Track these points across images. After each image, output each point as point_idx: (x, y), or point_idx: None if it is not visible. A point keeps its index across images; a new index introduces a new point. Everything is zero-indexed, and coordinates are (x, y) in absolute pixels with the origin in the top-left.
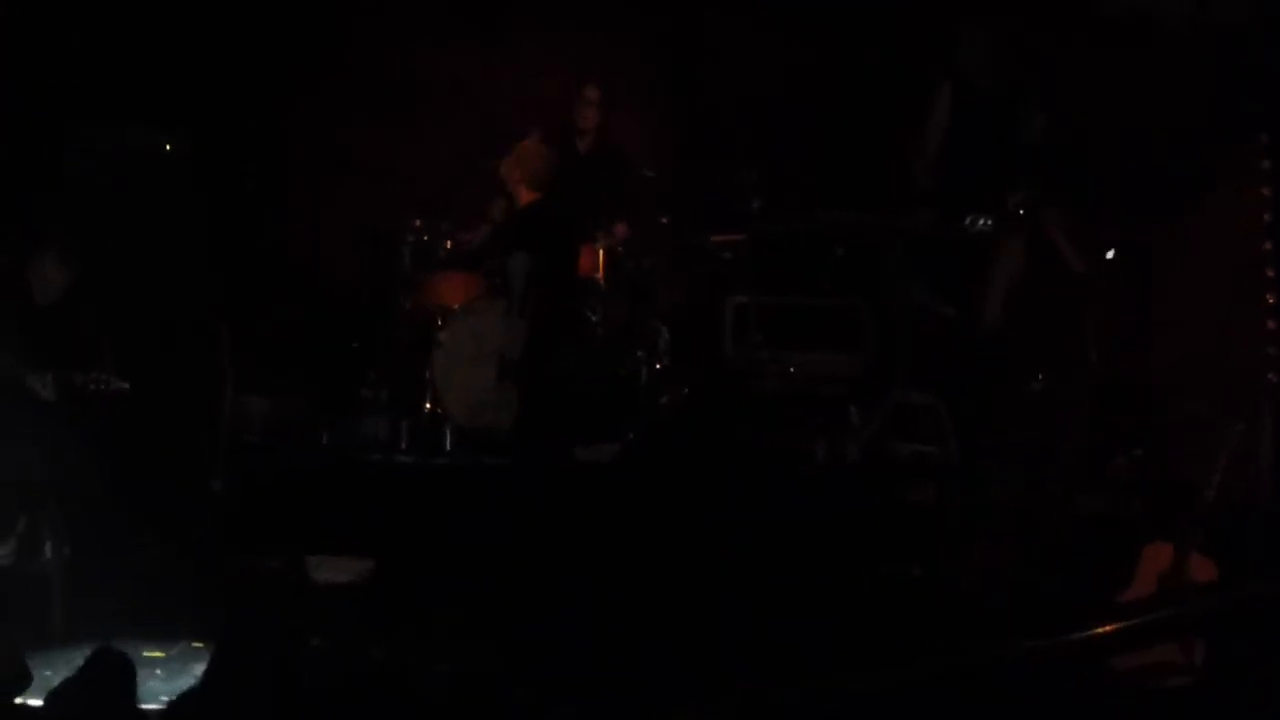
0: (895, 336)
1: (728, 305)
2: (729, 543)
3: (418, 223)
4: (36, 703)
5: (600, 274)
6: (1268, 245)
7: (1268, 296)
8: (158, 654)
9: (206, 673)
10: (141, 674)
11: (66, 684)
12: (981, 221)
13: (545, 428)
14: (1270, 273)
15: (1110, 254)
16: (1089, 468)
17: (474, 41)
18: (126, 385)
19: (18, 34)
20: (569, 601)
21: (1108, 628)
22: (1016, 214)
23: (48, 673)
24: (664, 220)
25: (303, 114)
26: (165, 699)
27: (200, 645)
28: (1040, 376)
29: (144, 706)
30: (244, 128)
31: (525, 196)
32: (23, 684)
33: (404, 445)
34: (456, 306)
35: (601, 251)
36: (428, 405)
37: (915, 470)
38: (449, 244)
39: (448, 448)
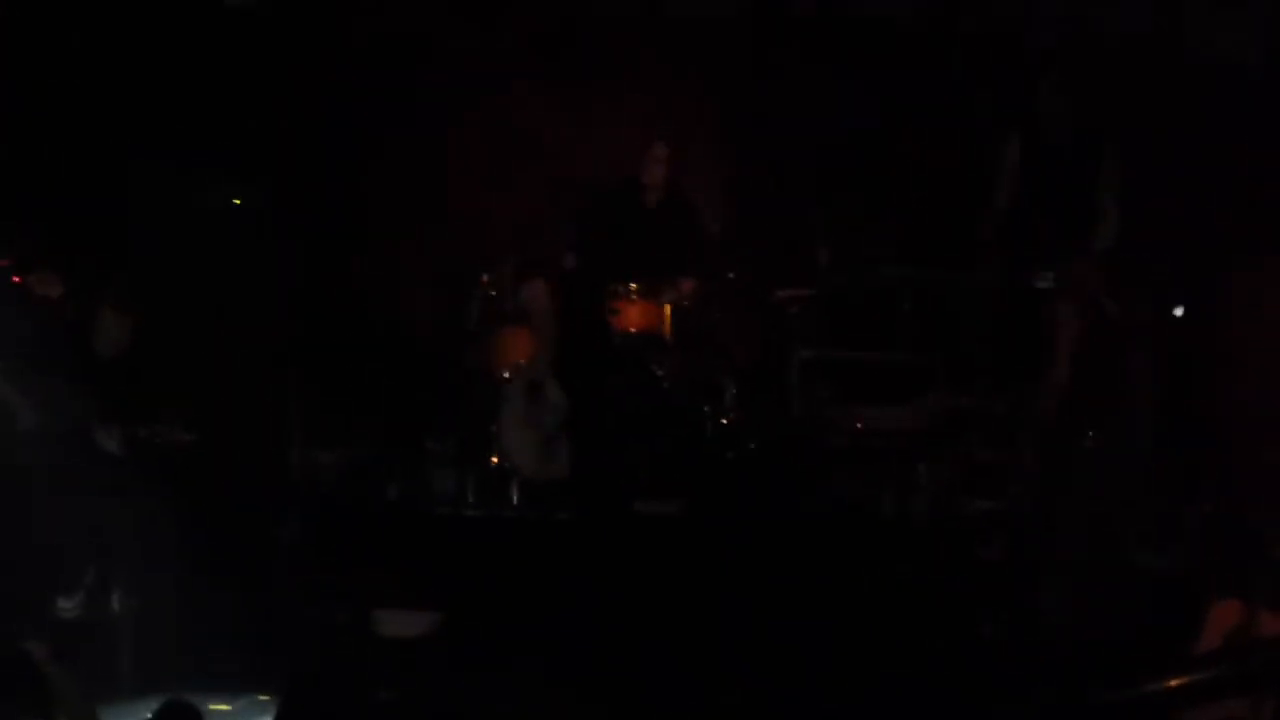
0: (964, 391)
1: (795, 360)
2: (797, 599)
3: (487, 275)
4: None
5: (666, 329)
6: None
7: None
8: (224, 706)
9: None
10: None
11: None
12: (1050, 277)
13: (602, 481)
14: None
15: (1179, 310)
16: (1156, 522)
17: (548, 96)
18: (191, 437)
19: (88, 83)
20: (636, 655)
21: (1177, 681)
22: (1075, 269)
23: None
24: (730, 275)
25: (376, 167)
26: None
27: (267, 698)
28: (1093, 433)
29: None
30: (316, 178)
31: None
32: None
33: (471, 498)
34: (522, 361)
35: (668, 306)
36: (494, 458)
37: (984, 526)
38: (514, 299)
39: (514, 500)
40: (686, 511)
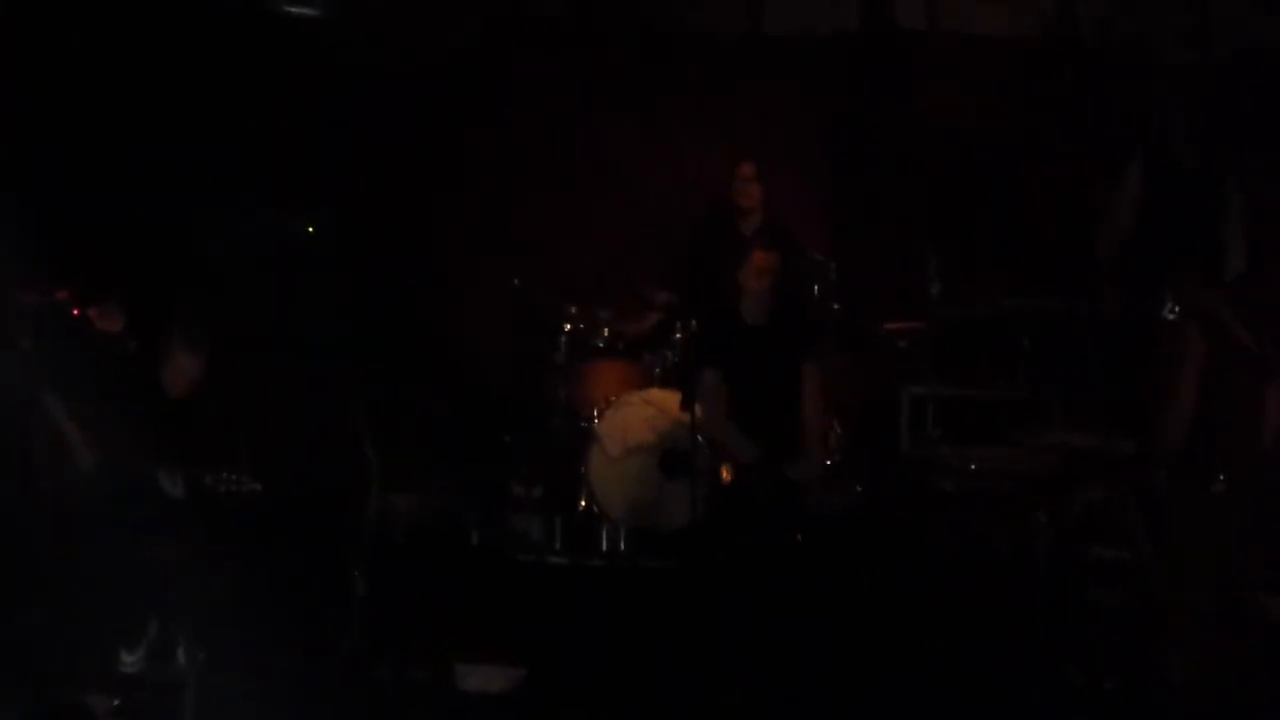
0: (1084, 430)
1: (904, 397)
2: (908, 648)
3: (573, 309)
4: None
5: None
6: None
7: None
8: None
9: None
10: None
11: None
12: (1175, 308)
13: (720, 528)
14: None
15: None
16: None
17: (632, 122)
18: (259, 486)
19: (151, 111)
20: (735, 712)
21: None
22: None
23: None
24: (835, 306)
25: (455, 198)
26: None
27: None
28: (1222, 474)
29: None
30: (392, 211)
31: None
32: None
33: (558, 545)
34: (614, 398)
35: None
36: (582, 503)
37: (1106, 573)
38: (606, 332)
39: (604, 548)
40: (791, 558)
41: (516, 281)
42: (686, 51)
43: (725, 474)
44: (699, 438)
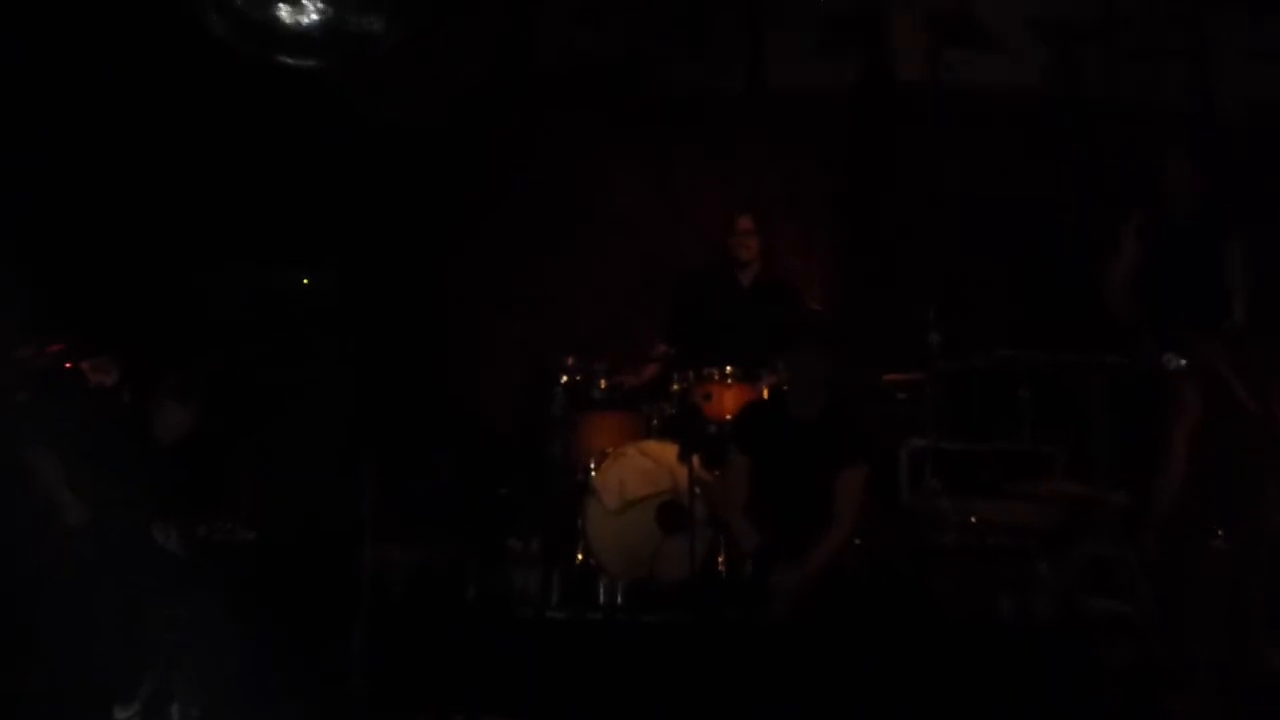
0: (1087, 483)
1: (904, 449)
2: (907, 707)
3: (570, 361)
4: None
5: None
6: None
7: None
8: None
9: None
10: None
11: None
12: (1178, 361)
13: (695, 581)
14: None
15: None
16: None
17: (635, 176)
18: (253, 535)
19: (143, 161)
20: None
21: None
22: (1201, 351)
23: None
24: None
25: (458, 251)
26: None
27: None
28: (1221, 530)
29: None
30: (395, 264)
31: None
32: None
33: (555, 599)
34: (611, 450)
35: (766, 390)
36: (580, 556)
37: (1110, 628)
38: (603, 383)
39: (602, 601)
40: (788, 614)
41: (513, 335)
42: (689, 106)
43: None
44: (697, 490)
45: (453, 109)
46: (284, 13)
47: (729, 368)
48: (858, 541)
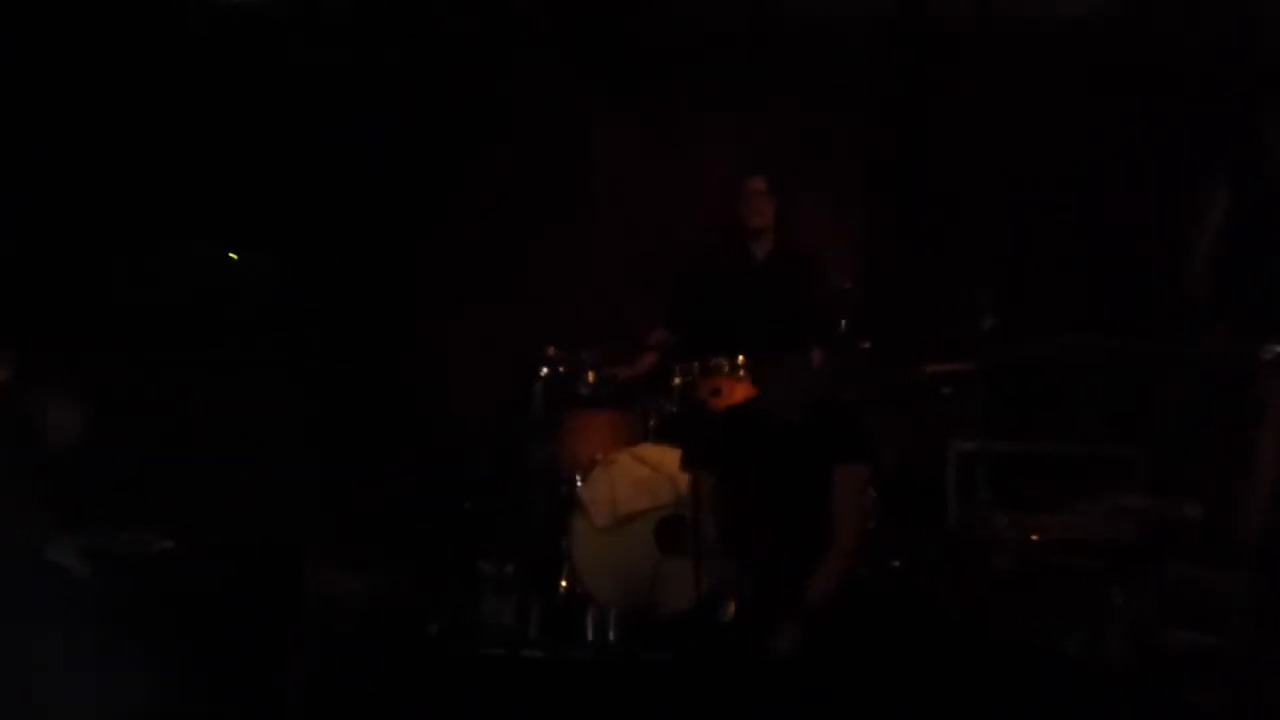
0: (1169, 493)
1: (950, 454)
2: None
3: (552, 350)
4: None
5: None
6: None
7: None
8: None
9: None
10: None
11: None
12: (1274, 350)
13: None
14: None
15: None
16: None
17: (632, 136)
18: (170, 544)
19: (47, 124)
20: None
21: None
22: None
23: None
24: (865, 345)
25: (420, 227)
26: None
27: None
28: None
29: None
30: (343, 241)
31: None
32: None
33: (534, 634)
34: (601, 456)
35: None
36: (564, 583)
37: (1199, 667)
38: (591, 376)
39: (590, 637)
40: (812, 649)
41: (487, 322)
42: (690, 53)
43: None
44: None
45: (415, 61)
46: None
47: (740, 358)
48: (895, 564)
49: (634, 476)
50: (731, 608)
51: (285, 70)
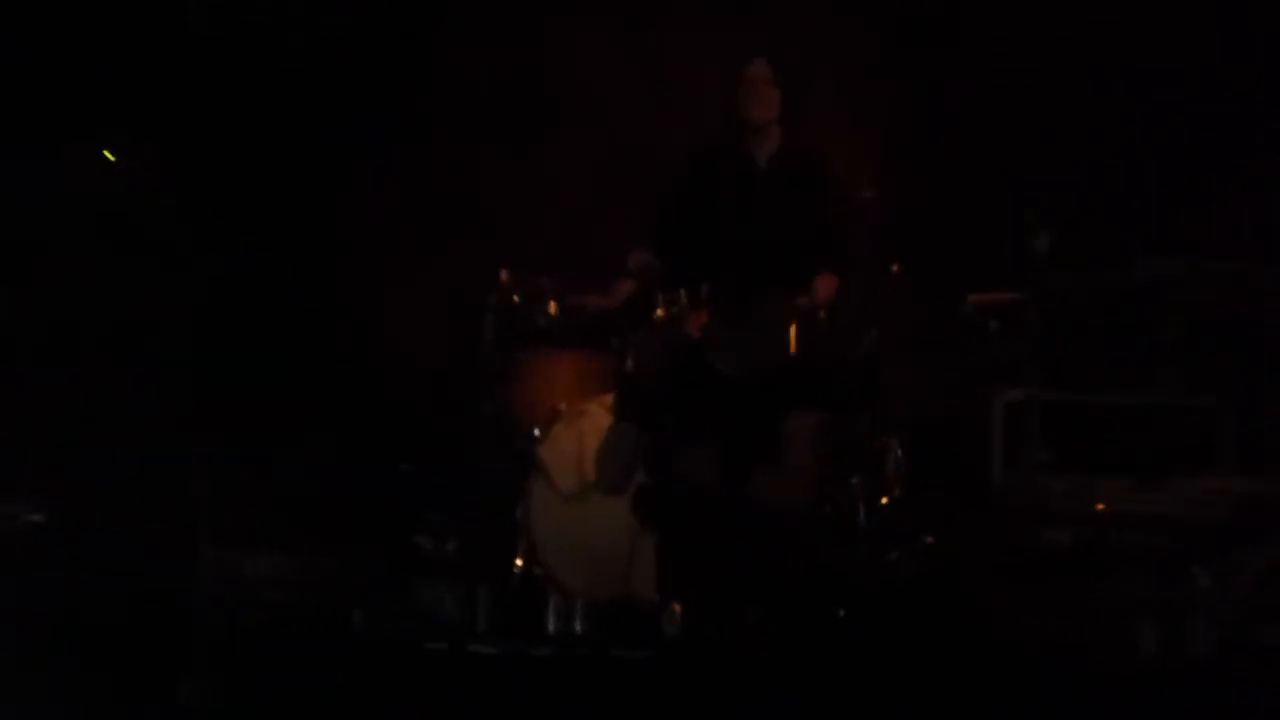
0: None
1: (997, 405)
2: None
3: (505, 277)
4: None
5: (790, 354)
6: None
7: None
8: None
9: None
10: None
11: None
12: None
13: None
14: None
15: None
16: None
17: (601, 30)
18: (41, 518)
19: None
20: None
21: None
22: None
23: None
24: (894, 269)
25: (347, 139)
26: None
27: None
28: None
29: None
30: (250, 150)
31: None
32: None
33: (483, 626)
34: (566, 406)
35: (793, 321)
36: (519, 562)
37: None
38: (554, 308)
39: (552, 629)
40: (825, 645)
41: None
42: None
43: None
44: None
45: None
46: None
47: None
48: (929, 540)
49: (605, 431)
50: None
51: None
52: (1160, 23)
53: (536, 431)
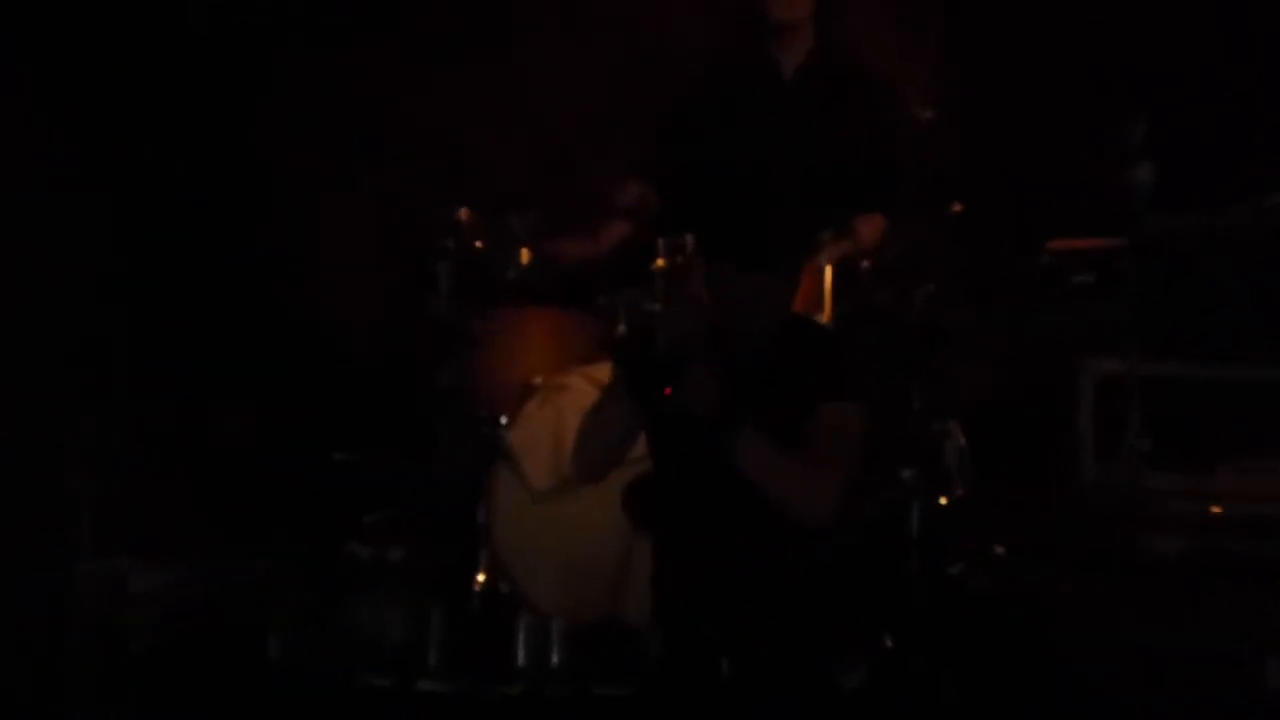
0: None
1: (1085, 380)
2: None
3: (465, 216)
4: None
5: (826, 314)
6: None
7: None
8: None
9: None
10: None
11: None
12: None
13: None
14: None
15: None
16: None
17: None
18: None
19: None
20: None
21: None
22: None
23: None
24: (955, 208)
25: (272, 49)
26: None
27: None
28: None
29: None
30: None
31: None
32: None
33: (436, 657)
34: (539, 381)
35: (829, 270)
36: (481, 577)
37: None
38: (526, 256)
39: (522, 661)
40: (877, 680)
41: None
42: None
43: None
44: None
45: None
46: None
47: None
48: (999, 551)
49: (583, 410)
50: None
51: None
52: None
53: (503, 415)
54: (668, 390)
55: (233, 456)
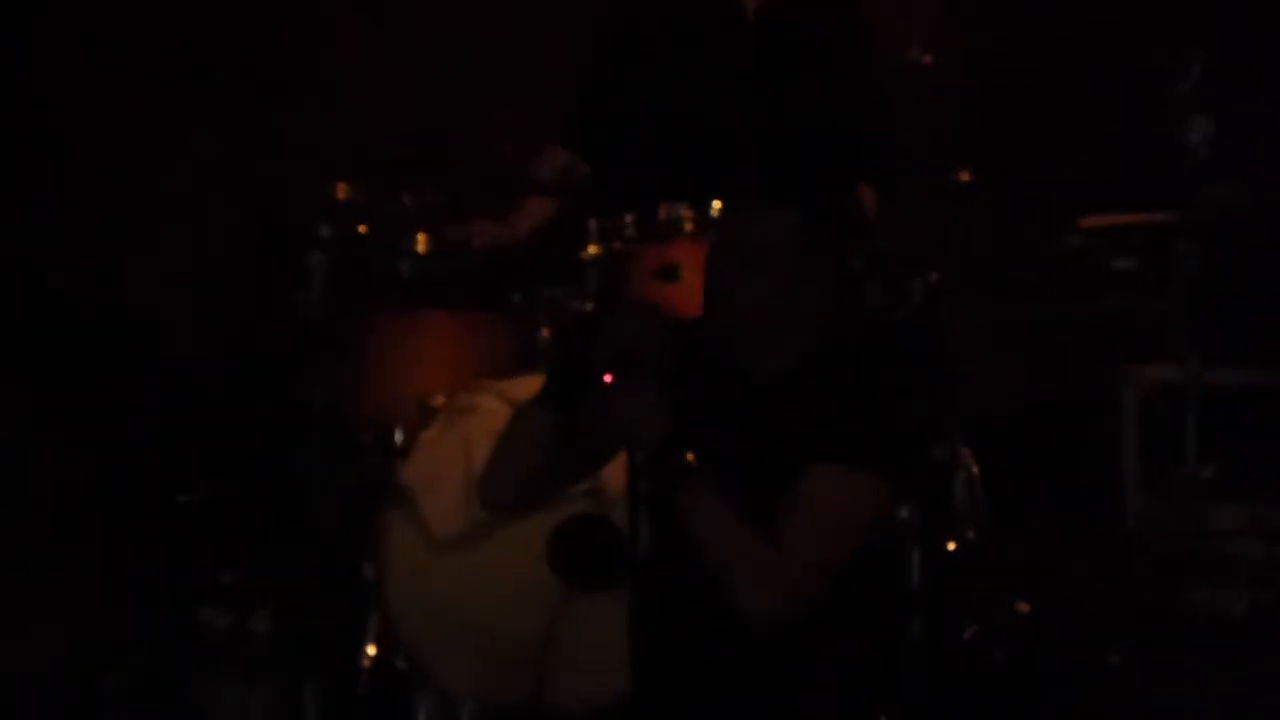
0: None
1: (1129, 392)
2: None
3: (341, 193)
4: None
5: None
6: None
7: None
8: None
9: None
10: None
11: None
12: None
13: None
14: None
15: None
16: None
17: None
18: None
19: None
20: None
21: None
22: None
23: None
24: (963, 177)
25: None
26: None
27: None
28: None
29: None
30: None
31: None
32: None
33: None
34: (441, 400)
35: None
36: (370, 650)
37: None
38: (423, 243)
39: None
40: None
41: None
42: None
43: None
44: None
45: None
46: None
47: (716, 204)
48: (1023, 608)
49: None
50: None
51: None
52: None
53: (398, 438)
54: (608, 377)
55: (55, 500)
